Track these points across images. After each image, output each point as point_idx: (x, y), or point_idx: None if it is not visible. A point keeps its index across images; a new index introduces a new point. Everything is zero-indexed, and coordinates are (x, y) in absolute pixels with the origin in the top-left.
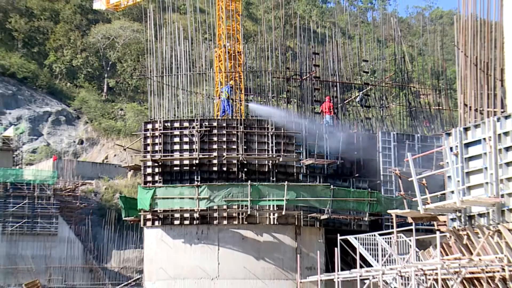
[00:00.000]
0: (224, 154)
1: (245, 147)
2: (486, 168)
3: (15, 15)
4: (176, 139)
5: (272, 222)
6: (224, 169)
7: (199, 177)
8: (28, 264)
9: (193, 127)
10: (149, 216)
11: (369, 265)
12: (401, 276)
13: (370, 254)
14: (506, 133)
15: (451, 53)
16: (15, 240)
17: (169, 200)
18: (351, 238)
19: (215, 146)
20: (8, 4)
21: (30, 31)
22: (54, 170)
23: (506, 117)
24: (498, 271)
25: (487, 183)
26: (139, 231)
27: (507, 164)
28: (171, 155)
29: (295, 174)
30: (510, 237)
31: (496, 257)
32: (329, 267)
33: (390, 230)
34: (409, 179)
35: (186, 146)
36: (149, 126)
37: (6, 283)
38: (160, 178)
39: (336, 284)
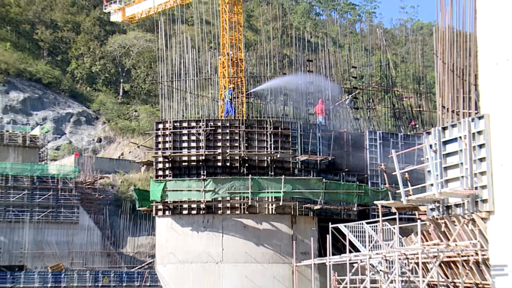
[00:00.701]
0: (227, 151)
1: (246, 144)
2: (461, 163)
3: (41, 27)
4: (185, 138)
5: (270, 212)
6: (228, 164)
7: (205, 171)
8: (53, 249)
9: (200, 127)
10: (160, 206)
11: (357, 250)
12: (386, 260)
13: (358, 240)
14: (479, 132)
15: (430, 60)
16: (41, 228)
17: (178, 192)
18: (341, 226)
19: (219, 144)
20: (35, 17)
21: (54, 41)
22: (75, 165)
23: (480, 118)
24: (472, 255)
25: (462, 176)
26: (151, 220)
27: (480, 160)
28: (180, 152)
29: (291, 169)
30: (483, 225)
31: (470, 243)
32: (321, 252)
33: (376, 219)
34: (393, 173)
35: (193, 144)
36: (160, 126)
37: (33, 266)
38: (170, 172)
39: (328, 268)
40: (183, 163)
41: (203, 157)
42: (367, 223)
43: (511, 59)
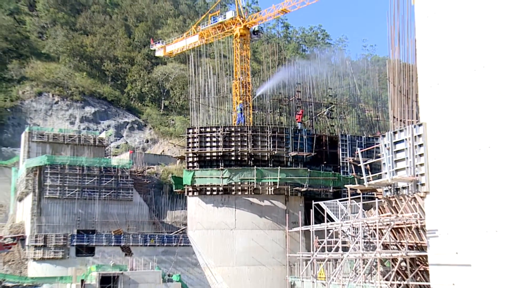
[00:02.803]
0: (239, 149)
1: (252, 144)
2: (407, 158)
3: (107, 60)
4: (208, 139)
5: (270, 193)
6: (239, 158)
7: (222, 163)
8: (115, 219)
9: (219, 131)
10: (190, 189)
11: (332, 220)
12: (353, 227)
13: (333, 213)
14: (419, 135)
15: (385, 83)
16: (106, 204)
17: (203, 179)
18: (321, 203)
19: (233, 144)
20: (103, 54)
21: (115, 70)
22: (130, 159)
23: (419, 125)
24: (414, 223)
25: (407, 167)
26: (184, 198)
27: (420, 155)
28: (204, 150)
29: (284, 161)
30: (421, 201)
31: (412, 215)
32: (306, 222)
33: (346, 198)
34: (358, 165)
35: (214, 144)
36: (190, 131)
37: (101, 230)
38: (197, 164)
39: (311, 233)
40: (207, 158)
41: (221, 153)
42: (340, 200)
43: (441, 83)
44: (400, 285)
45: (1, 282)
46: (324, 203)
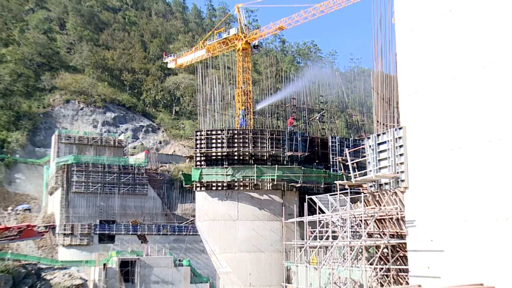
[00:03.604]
0: (241, 149)
1: (253, 145)
2: (389, 157)
3: (125, 72)
4: (213, 141)
5: (268, 188)
6: (241, 158)
7: (226, 162)
8: (132, 211)
9: (223, 134)
10: (198, 184)
11: (323, 212)
12: (342, 218)
13: (324, 206)
14: (399, 138)
15: (369, 92)
16: (124, 197)
17: (209, 176)
18: (313, 197)
19: (235, 145)
20: (122, 66)
21: (133, 80)
22: (145, 159)
23: (400, 128)
24: (395, 215)
25: (389, 165)
26: (193, 193)
27: (400, 155)
28: (211, 150)
29: (281, 160)
30: (401, 195)
31: (393, 207)
32: (300, 214)
33: (335, 193)
34: (347, 163)
35: (219, 145)
36: (198, 133)
37: (120, 220)
38: (204, 163)
39: (304, 223)
40: (213, 157)
41: (225, 153)
42: (330, 195)
43: (418, 92)
44: (382, 268)
45: (36, 264)
46: (316, 197)
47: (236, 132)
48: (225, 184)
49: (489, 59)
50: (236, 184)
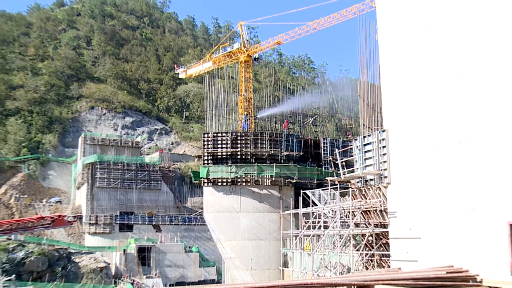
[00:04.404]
0: (243, 149)
1: (254, 146)
2: (373, 156)
3: (142, 81)
4: (219, 142)
5: (267, 184)
6: (243, 157)
7: (230, 161)
8: (148, 204)
9: (228, 136)
10: (205, 180)
11: (316, 205)
12: (332, 210)
13: (317, 199)
14: (383, 139)
15: (356, 99)
16: (141, 192)
17: (216, 173)
18: (307, 191)
19: (238, 145)
20: (139, 76)
21: (148, 89)
22: (159, 158)
23: (383, 131)
24: (378, 207)
25: (374, 164)
26: (201, 188)
27: (383, 154)
28: (217, 150)
29: (279, 159)
30: (384, 190)
31: (378, 200)
32: (296, 206)
33: (327, 188)
34: (336, 162)
35: (224, 145)
36: (206, 135)
37: (138, 212)
38: (211, 161)
39: (299, 215)
40: (218, 156)
41: (229, 153)
42: (322, 189)
43: (399, 99)
44: (367, 254)
45: (67, 249)
46: (309, 191)
47: (239, 134)
48: (229, 180)
49: (458, 71)
50: (239, 180)
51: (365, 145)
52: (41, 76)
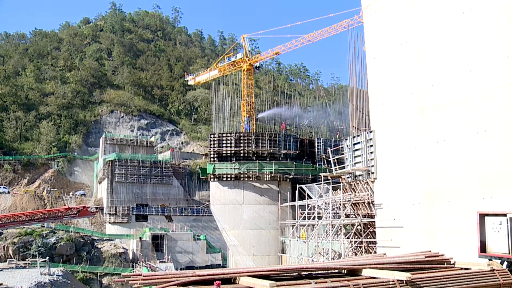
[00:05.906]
0: (246, 148)
1: (255, 145)
2: (362, 154)
3: (155, 88)
4: (224, 142)
5: (267, 179)
6: (246, 155)
7: (234, 159)
8: (160, 197)
9: (232, 136)
10: (212, 176)
11: (311, 198)
12: (325, 202)
13: (312, 193)
14: (370, 139)
15: (347, 103)
16: (155, 186)
17: (221, 169)
18: (303, 186)
19: (241, 145)
20: (153, 83)
21: (161, 94)
22: (170, 156)
23: (370, 132)
24: (366, 200)
25: (362, 161)
26: (208, 183)
27: (371, 153)
28: (222, 149)
29: (277, 157)
30: (371, 184)
31: (365, 194)
32: (293, 199)
33: (320, 182)
34: (329, 159)
35: (228, 145)
36: (212, 136)
37: (152, 204)
38: (217, 159)
39: (296, 207)
40: (223, 154)
41: (233, 151)
42: (316, 184)
43: (384, 103)
44: (356, 241)
45: (90, 236)
46: (305, 186)
47: (242, 134)
48: (233, 176)
49: (435, 79)
50: (242, 176)
51: (354, 144)
52: (68, 84)
